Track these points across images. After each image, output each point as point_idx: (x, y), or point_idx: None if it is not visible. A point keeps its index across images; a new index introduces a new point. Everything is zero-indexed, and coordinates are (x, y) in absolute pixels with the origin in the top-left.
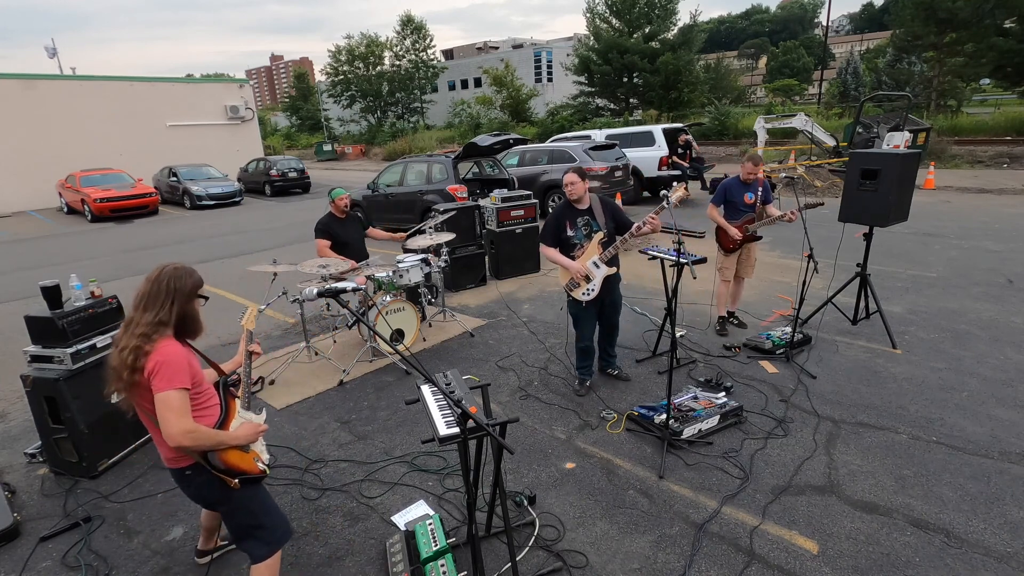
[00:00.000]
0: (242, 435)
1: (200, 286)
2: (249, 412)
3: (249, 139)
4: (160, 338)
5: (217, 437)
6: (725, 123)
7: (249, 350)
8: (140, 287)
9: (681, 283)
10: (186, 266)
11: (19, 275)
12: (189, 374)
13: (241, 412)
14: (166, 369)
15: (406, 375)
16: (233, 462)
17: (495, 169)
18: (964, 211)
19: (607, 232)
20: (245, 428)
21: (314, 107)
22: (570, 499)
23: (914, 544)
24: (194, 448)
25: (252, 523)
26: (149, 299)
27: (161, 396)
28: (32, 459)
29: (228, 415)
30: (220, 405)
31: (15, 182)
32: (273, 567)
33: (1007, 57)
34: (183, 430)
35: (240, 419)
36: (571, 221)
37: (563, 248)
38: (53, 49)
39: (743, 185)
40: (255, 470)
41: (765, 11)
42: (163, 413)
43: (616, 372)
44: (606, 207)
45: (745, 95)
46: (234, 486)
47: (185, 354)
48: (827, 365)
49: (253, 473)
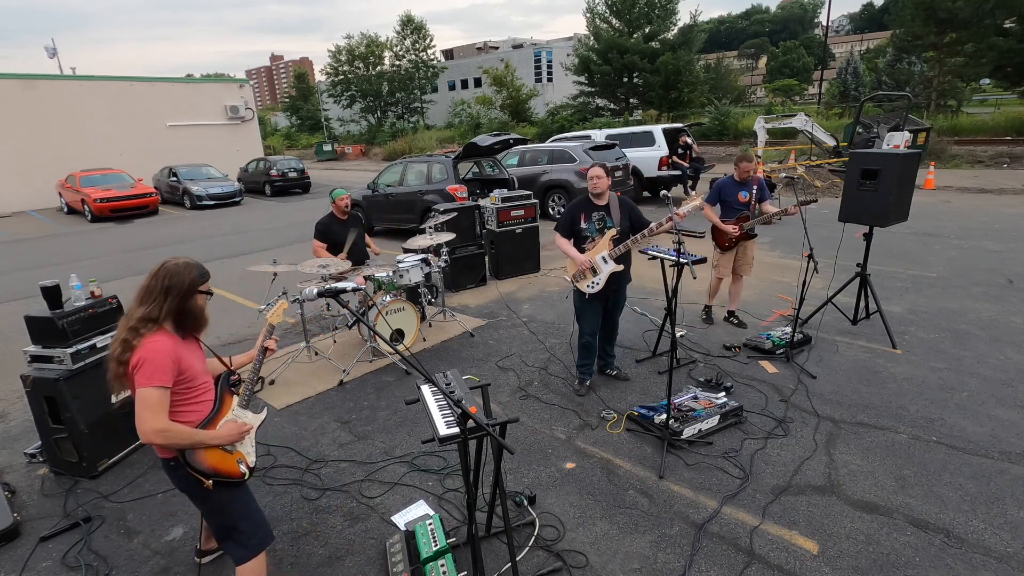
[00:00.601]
0: (223, 435)
1: (201, 282)
2: (247, 411)
3: (249, 139)
4: (148, 333)
5: (194, 437)
6: (725, 123)
7: (264, 345)
8: (143, 280)
9: (681, 283)
10: (190, 261)
11: (19, 275)
12: (172, 372)
13: (236, 410)
14: (148, 365)
15: (406, 375)
16: (211, 463)
17: (495, 169)
18: (964, 211)
19: (621, 230)
20: (227, 428)
21: (314, 107)
22: (570, 499)
23: (914, 544)
24: (167, 446)
25: (229, 524)
26: (145, 293)
27: (140, 392)
28: (32, 459)
29: (220, 412)
30: (214, 400)
31: (15, 182)
32: (257, 570)
33: (1007, 57)
34: (155, 428)
35: (232, 416)
36: (586, 214)
37: (576, 240)
38: (53, 49)
39: (737, 184)
40: (234, 473)
41: (765, 11)
42: (138, 409)
43: (615, 372)
44: (624, 206)
45: (745, 95)
46: (207, 487)
47: (171, 351)
48: (827, 365)
49: (232, 476)
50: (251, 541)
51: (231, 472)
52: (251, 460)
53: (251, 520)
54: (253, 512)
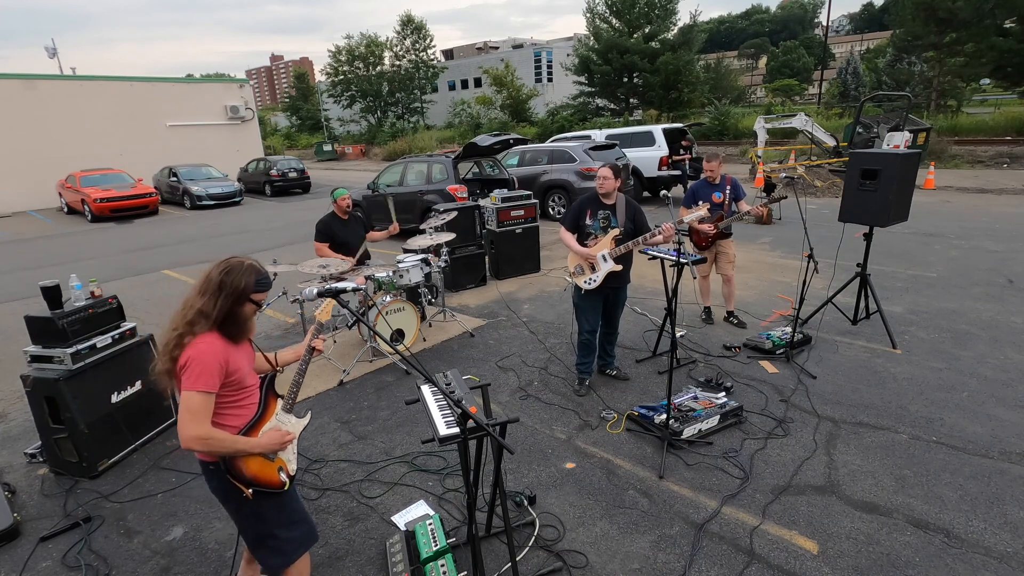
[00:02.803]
0: (265, 443)
1: (255, 291)
2: (291, 416)
3: (249, 139)
4: (201, 331)
5: (235, 445)
6: (725, 123)
7: (312, 345)
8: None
9: (681, 283)
10: (256, 265)
11: (19, 275)
12: (220, 375)
13: (280, 414)
14: (195, 367)
15: (406, 375)
16: (252, 471)
17: (495, 169)
18: (964, 211)
19: (624, 230)
20: (270, 436)
21: (314, 107)
22: (570, 499)
23: (914, 544)
24: (208, 452)
25: (265, 533)
26: (204, 283)
27: (184, 395)
28: (32, 459)
29: (263, 416)
30: (259, 404)
31: (15, 182)
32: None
33: (1007, 57)
34: (196, 435)
35: (275, 422)
36: (592, 211)
37: (579, 235)
38: (53, 49)
39: (710, 185)
40: (275, 482)
41: (765, 11)
42: (181, 412)
43: (615, 372)
44: (629, 208)
45: (745, 95)
46: (247, 496)
47: (220, 353)
48: (827, 365)
49: (271, 486)
50: (289, 546)
51: (271, 481)
52: (292, 468)
53: (292, 528)
54: (295, 519)
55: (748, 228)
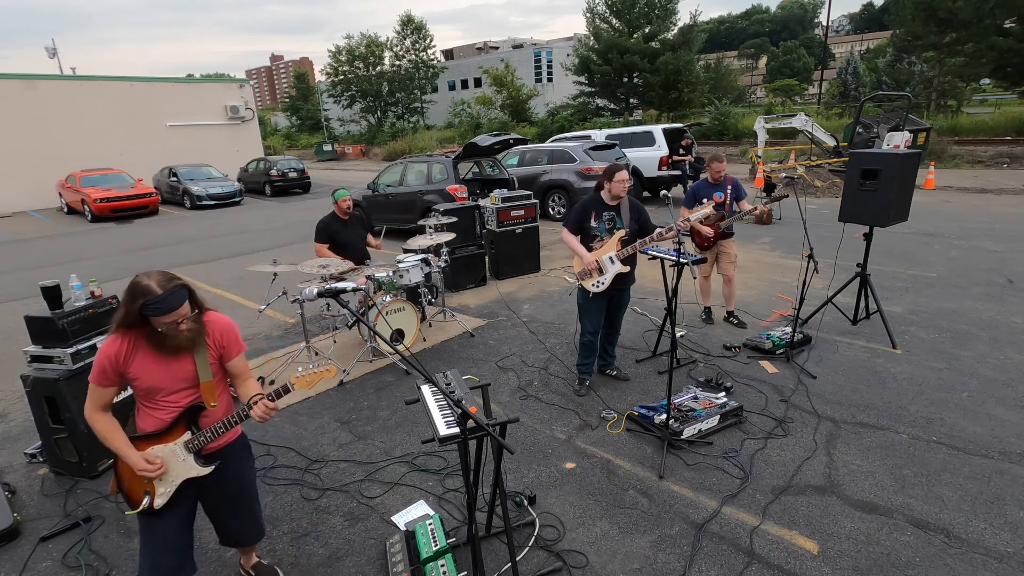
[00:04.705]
0: (132, 459)
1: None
2: (191, 455)
3: (249, 139)
4: (110, 332)
5: (111, 441)
6: (725, 123)
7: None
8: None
9: (681, 283)
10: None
11: (19, 275)
12: (108, 373)
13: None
14: (94, 361)
15: (406, 375)
16: (124, 475)
17: (495, 169)
18: (964, 211)
19: (629, 232)
20: (140, 456)
21: (314, 107)
22: (570, 499)
23: (914, 544)
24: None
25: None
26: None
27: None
28: (32, 459)
29: (163, 437)
30: (168, 424)
31: (15, 182)
32: None
33: (1007, 57)
34: (87, 412)
35: (169, 449)
36: (597, 212)
37: (584, 238)
38: (53, 49)
39: (711, 185)
40: (133, 498)
41: (765, 11)
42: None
43: (615, 372)
44: (634, 208)
45: (745, 95)
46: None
47: (112, 354)
48: (827, 365)
49: (130, 499)
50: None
51: (131, 495)
52: (158, 501)
53: (146, 549)
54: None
55: (748, 228)
